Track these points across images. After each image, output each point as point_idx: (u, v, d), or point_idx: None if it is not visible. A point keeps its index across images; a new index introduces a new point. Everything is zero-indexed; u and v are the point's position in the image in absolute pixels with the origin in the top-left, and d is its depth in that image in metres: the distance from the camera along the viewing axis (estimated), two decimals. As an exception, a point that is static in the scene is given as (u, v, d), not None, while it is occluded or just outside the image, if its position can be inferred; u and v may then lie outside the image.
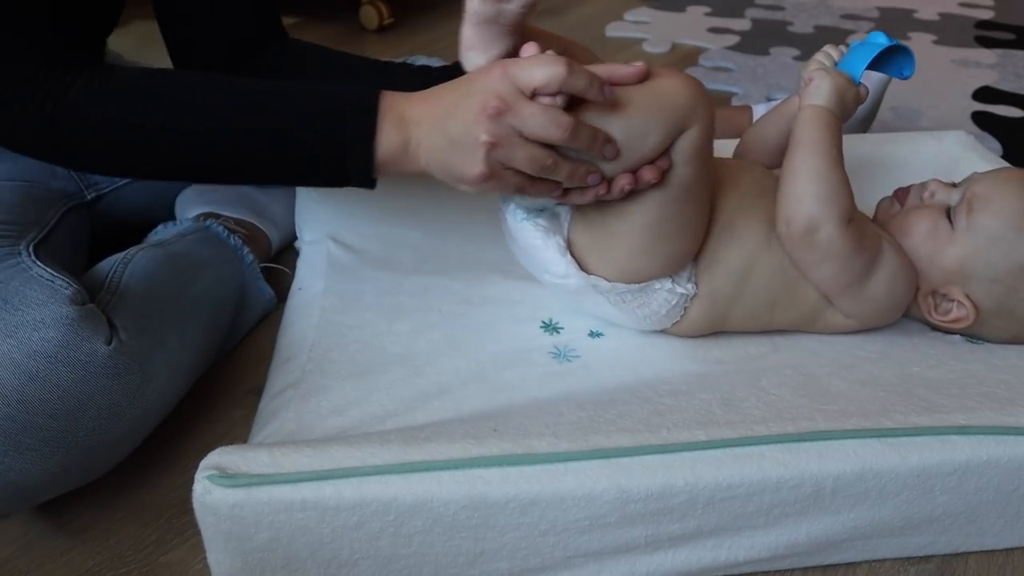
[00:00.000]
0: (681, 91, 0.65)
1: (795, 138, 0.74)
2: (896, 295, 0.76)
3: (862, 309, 0.76)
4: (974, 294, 0.75)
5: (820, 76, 0.76)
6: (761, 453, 0.62)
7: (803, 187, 0.72)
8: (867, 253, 0.73)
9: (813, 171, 0.72)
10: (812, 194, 0.71)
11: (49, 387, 0.62)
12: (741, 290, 0.75)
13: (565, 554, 0.63)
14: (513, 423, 0.65)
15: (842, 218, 0.71)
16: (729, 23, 2.00)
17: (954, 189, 0.78)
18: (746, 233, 0.75)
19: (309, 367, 0.75)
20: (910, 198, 0.80)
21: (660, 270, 0.73)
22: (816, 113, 0.75)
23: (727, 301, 0.76)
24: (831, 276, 0.74)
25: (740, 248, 0.75)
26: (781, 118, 0.83)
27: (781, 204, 0.73)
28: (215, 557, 0.61)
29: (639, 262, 0.72)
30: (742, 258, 0.75)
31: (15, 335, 0.62)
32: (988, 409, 0.67)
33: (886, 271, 0.74)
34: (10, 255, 0.71)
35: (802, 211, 0.71)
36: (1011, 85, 1.64)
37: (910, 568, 0.69)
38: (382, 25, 1.95)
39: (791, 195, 0.72)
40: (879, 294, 0.75)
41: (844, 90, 0.76)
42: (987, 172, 0.79)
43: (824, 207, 0.71)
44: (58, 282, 0.67)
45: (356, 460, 0.60)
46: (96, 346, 0.65)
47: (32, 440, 0.63)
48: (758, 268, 0.75)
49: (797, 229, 0.72)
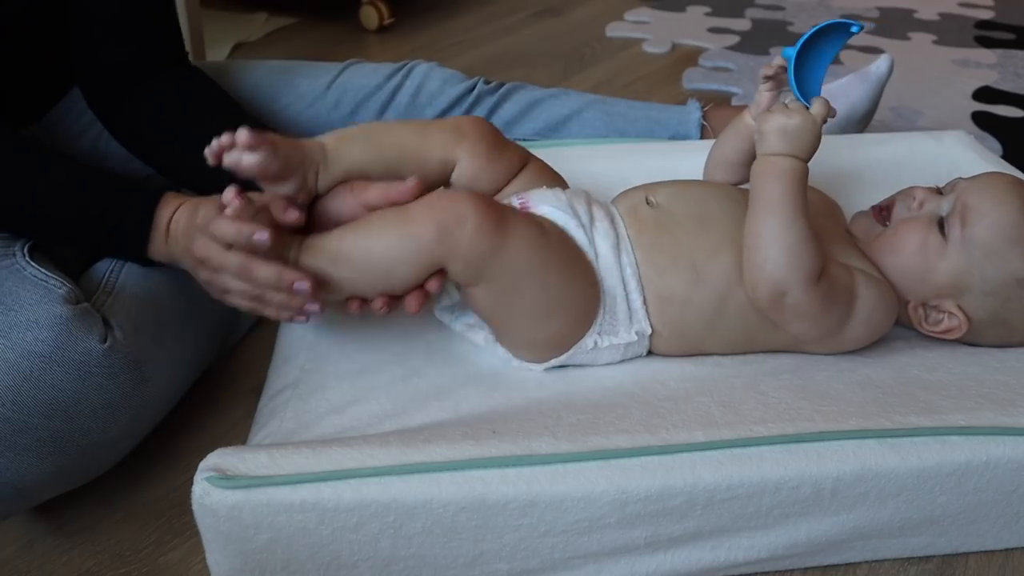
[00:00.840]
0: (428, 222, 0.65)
1: (751, 194, 0.71)
2: (875, 327, 0.74)
3: (842, 347, 0.74)
4: (967, 306, 0.74)
5: (759, 121, 0.72)
6: (760, 454, 0.62)
7: (764, 252, 0.69)
8: (840, 306, 0.71)
9: (769, 232, 0.68)
10: (773, 260, 0.68)
11: (44, 387, 0.62)
12: (713, 327, 0.73)
13: (564, 555, 0.63)
14: (512, 424, 0.65)
15: (807, 281, 0.68)
16: (729, 23, 2.00)
17: (942, 197, 0.76)
18: (714, 274, 0.72)
19: (308, 367, 0.75)
20: (896, 210, 0.77)
21: (568, 339, 0.71)
22: (765, 163, 0.70)
23: (699, 337, 0.74)
24: (805, 330, 0.72)
25: (709, 289, 0.72)
26: (734, 136, 0.81)
27: (745, 269, 0.70)
28: (214, 558, 0.61)
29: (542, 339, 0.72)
30: (711, 299, 0.72)
31: (9, 335, 0.62)
32: (987, 410, 0.67)
33: (862, 312, 0.72)
34: (4, 256, 0.71)
35: (765, 278, 0.69)
36: (1011, 85, 1.64)
37: (910, 568, 0.69)
38: (382, 25, 1.95)
39: (753, 262, 0.69)
40: (857, 334, 0.73)
41: (783, 125, 0.70)
42: (975, 179, 0.77)
43: (786, 272, 0.68)
44: (52, 282, 0.67)
45: (355, 461, 0.60)
46: (91, 345, 0.65)
47: (28, 440, 0.63)
48: (730, 306, 0.72)
49: (763, 295, 0.69)
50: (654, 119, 1.14)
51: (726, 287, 0.72)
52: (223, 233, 0.63)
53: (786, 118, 0.70)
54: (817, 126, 0.70)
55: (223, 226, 0.63)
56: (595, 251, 0.72)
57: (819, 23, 0.72)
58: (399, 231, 0.66)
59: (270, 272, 0.64)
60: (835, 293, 0.70)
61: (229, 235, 0.63)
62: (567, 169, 0.82)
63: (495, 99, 1.12)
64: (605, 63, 1.79)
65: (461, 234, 0.65)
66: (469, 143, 0.74)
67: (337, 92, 1.07)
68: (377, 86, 1.08)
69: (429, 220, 0.65)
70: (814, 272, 0.68)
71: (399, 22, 1.98)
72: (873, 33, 1.94)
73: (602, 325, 0.72)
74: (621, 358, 0.74)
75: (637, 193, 0.78)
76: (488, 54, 1.83)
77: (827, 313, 0.70)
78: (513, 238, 0.66)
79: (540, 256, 0.68)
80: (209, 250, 0.65)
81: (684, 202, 0.76)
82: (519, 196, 0.74)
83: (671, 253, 0.73)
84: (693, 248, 0.73)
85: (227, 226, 0.63)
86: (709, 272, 0.72)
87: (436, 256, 0.65)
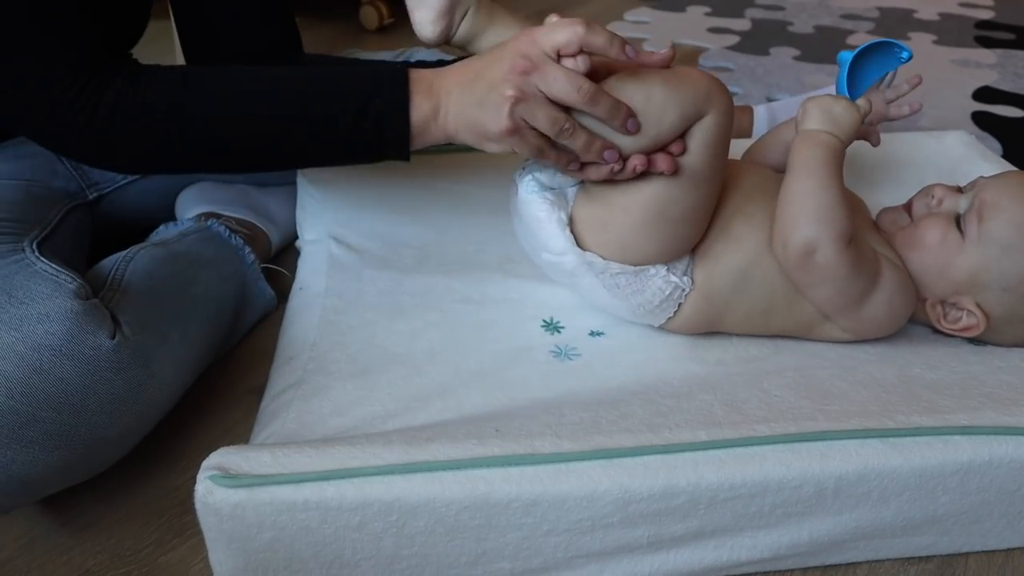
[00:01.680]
0: (702, 79, 0.68)
1: (789, 164, 0.74)
2: (895, 313, 0.75)
3: (860, 326, 0.75)
4: (985, 303, 0.74)
5: (805, 102, 0.76)
6: (763, 453, 0.62)
7: (798, 208, 0.71)
8: (865, 275, 0.72)
9: (806, 192, 0.71)
10: (807, 215, 0.71)
11: (53, 380, 0.62)
12: (738, 292, 0.75)
13: (567, 554, 0.63)
14: (515, 423, 0.65)
15: (839, 239, 0.70)
16: (729, 23, 2.00)
17: (960, 195, 0.77)
18: (746, 236, 0.75)
19: (310, 367, 0.75)
20: (916, 207, 0.78)
21: (656, 255, 0.73)
22: (806, 135, 0.75)
23: (723, 301, 0.76)
24: (828, 297, 0.73)
25: (739, 250, 0.74)
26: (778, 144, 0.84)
27: (777, 227, 0.72)
28: (217, 557, 0.61)
29: (637, 241, 0.72)
30: (740, 260, 0.74)
31: (20, 328, 0.62)
32: (990, 410, 0.67)
33: (885, 291, 0.73)
34: (14, 251, 0.71)
35: (798, 233, 0.71)
36: (1011, 85, 1.64)
37: (910, 568, 0.69)
38: (382, 25, 1.95)
39: (786, 217, 0.72)
40: (877, 313, 0.74)
41: (829, 106, 0.75)
42: (994, 177, 0.78)
43: (820, 228, 0.70)
44: (62, 276, 0.67)
45: (358, 460, 0.60)
46: (100, 340, 0.65)
47: (35, 433, 0.63)
48: (756, 272, 0.75)
49: (793, 251, 0.71)
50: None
51: (755, 252, 0.74)
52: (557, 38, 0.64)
53: (832, 101, 0.76)
54: (859, 115, 0.76)
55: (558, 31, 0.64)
56: None
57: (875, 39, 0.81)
58: (678, 83, 0.67)
59: (609, 102, 0.65)
60: (863, 260, 0.72)
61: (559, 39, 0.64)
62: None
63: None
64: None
65: (720, 99, 0.68)
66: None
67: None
68: None
69: (701, 79, 0.68)
70: (845, 233, 0.71)
71: (399, 22, 1.98)
72: (873, 33, 1.94)
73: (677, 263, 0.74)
74: (656, 304, 0.75)
75: None
76: (488, 54, 1.82)
77: (854, 278, 0.72)
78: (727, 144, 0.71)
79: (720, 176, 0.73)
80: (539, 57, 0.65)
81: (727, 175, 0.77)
82: None
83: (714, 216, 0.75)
84: (732, 209, 0.75)
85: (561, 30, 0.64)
86: (740, 233, 0.75)
87: (701, 111, 0.68)
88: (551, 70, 0.64)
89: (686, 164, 0.69)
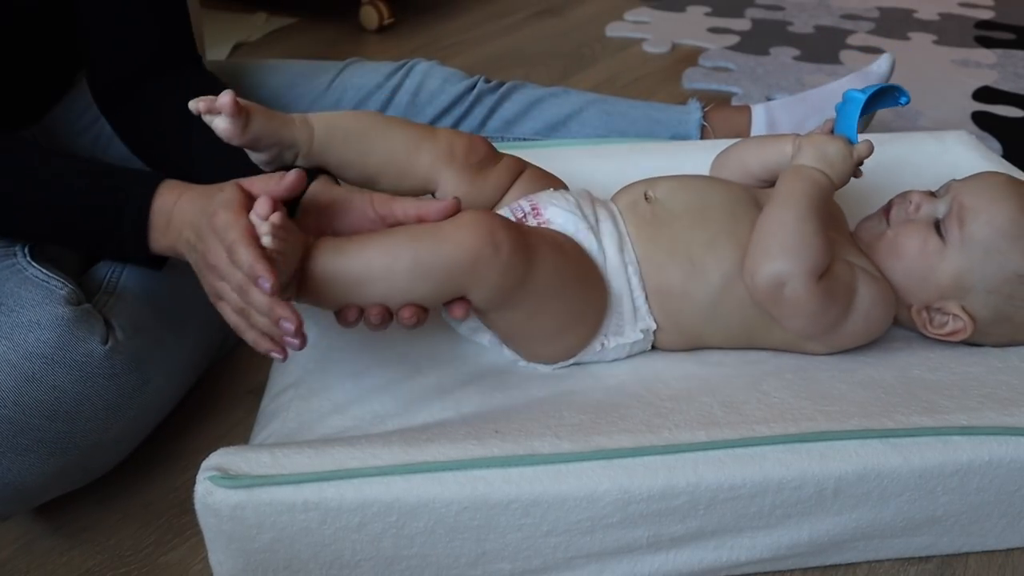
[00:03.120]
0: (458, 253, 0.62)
1: (773, 195, 0.72)
2: (872, 324, 0.74)
3: (838, 342, 0.74)
4: (971, 306, 0.73)
5: (802, 139, 0.75)
6: (763, 454, 0.62)
7: (771, 239, 0.69)
8: (838, 304, 0.71)
9: (782, 223, 0.69)
10: (780, 246, 0.68)
11: (46, 388, 0.62)
12: (711, 323, 0.74)
13: (567, 555, 0.63)
14: (515, 424, 0.65)
15: (810, 273, 0.68)
16: (729, 23, 2.00)
17: (937, 199, 0.76)
18: (711, 267, 0.72)
19: (310, 367, 0.75)
20: (894, 214, 0.77)
21: (578, 346, 0.72)
22: (795, 169, 0.73)
23: (697, 331, 0.75)
24: (802, 327, 0.72)
25: (705, 284, 0.72)
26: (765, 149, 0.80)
27: (748, 255, 0.70)
28: (217, 558, 0.61)
29: (552, 350, 0.72)
30: (707, 294, 0.72)
31: (11, 336, 0.62)
32: (990, 410, 0.67)
33: (860, 309, 0.72)
34: (5, 256, 0.71)
35: (768, 265, 0.68)
36: (1011, 85, 1.64)
37: (910, 568, 0.69)
38: (382, 25, 1.94)
39: (758, 247, 0.70)
40: (856, 329, 0.73)
41: (824, 146, 0.73)
42: (969, 179, 0.77)
43: (791, 261, 0.68)
44: (53, 283, 0.67)
45: (358, 461, 0.60)
46: (92, 346, 0.65)
47: (30, 441, 0.62)
48: (727, 303, 0.72)
49: (762, 283, 0.69)
50: (654, 119, 1.14)
51: (722, 280, 0.72)
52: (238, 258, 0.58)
53: (829, 141, 0.73)
54: (854, 160, 0.73)
55: (241, 253, 0.58)
56: (604, 255, 0.72)
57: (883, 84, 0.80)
58: (431, 251, 0.62)
59: (263, 301, 0.58)
60: (835, 292, 0.70)
61: (242, 263, 0.58)
62: (567, 169, 0.82)
63: (495, 98, 1.12)
64: (605, 63, 1.79)
65: (495, 262, 0.62)
66: (456, 168, 0.72)
67: (337, 91, 1.06)
68: (377, 85, 1.08)
69: (464, 243, 0.62)
70: (818, 267, 0.69)
71: (399, 22, 1.98)
72: (873, 33, 1.94)
73: (609, 326, 0.72)
74: (627, 355, 0.74)
75: (636, 188, 0.78)
76: (488, 54, 1.83)
77: (824, 312, 0.70)
78: (539, 264, 0.65)
79: (561, 277, 0.68)
80: (219, 258, 0.60)
81: (682, 196, 0.76)
82: (528, 199, 0.74)
83: (668, 247, 0.73)
84: (690, 241, 0.73)
85: (244, 254, 0.57)
86: (706, 265, 0.72)
87: (463, 283, 0.63)
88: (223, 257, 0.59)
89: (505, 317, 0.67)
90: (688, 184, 0.78)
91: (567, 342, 0.72)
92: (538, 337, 0.71)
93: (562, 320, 0.70)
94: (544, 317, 0.69)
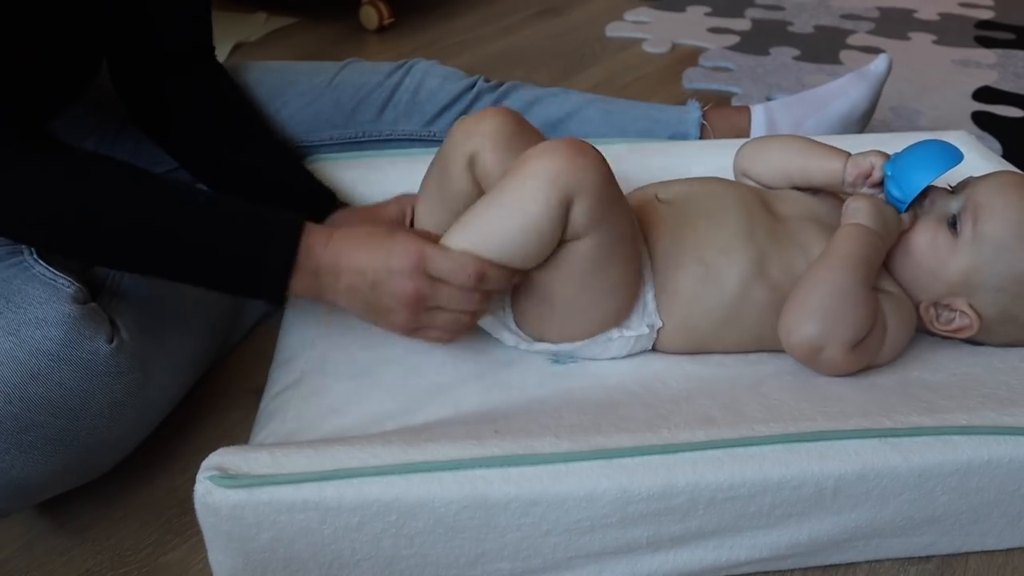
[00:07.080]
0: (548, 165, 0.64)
1: (827, 248, 0.72)
2: (897, 351, 0.74)
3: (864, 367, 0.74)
4: (978, 304, 0.74)
5: (859, 198, 0.74)
6: (763, 453, 0.62)
7: (815, 300, 0.69)
8: (873, 354, 0.71)
9: (832, 284, 0.69)
10: (823, 310, 0.68)
11: (51, 385, 0.62)
12: (722, 326, 0.74)
13: (567, 555, 0.63)
14: (514, 423, 0.65)
15: (848, 343, 0.68)
16: (729, 23, 2.00)
17: (952, 195, 0.76)
18: (727, 275, 0.72)
19: (309, 367, 0.75)
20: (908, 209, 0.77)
21: (599, 326, 0.72)
22: (857, 228, 0.72)
23: (704, 335, 0.75)
24: (832, 373, 0.72)
25: (719, 290, 0.72)
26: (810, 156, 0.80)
27: (786, 309, 0.70)
28: (216, 557, 0.61)
29: (573, 325, 0.72)
30: (720, 299, 0.73)
31: (17, 333, 0.62)
32: (989, 409, 0.67)
33: (889, 341, 0.72)
34: (12, 254, 0.71)
35: (806, 328, 0.68)
36: (1011, 85, 1.64)
37: (910, 568, 0.69)
38: (382, 25, 1.94)
39: (799, 303, 0.69)
40: (883, 359, 0.73)
41: (882, 210, 0.73)
42: (985, 177, 0.77)
43: (830, 328, 0.68)
44: (60, 281, 0.67)
45: (358, 460, 0.60)
46: (98, 344, 0.65)
47: (34, 438, 0.63)
48: (740, 309, 0.73)
49: (796, 343, 0.69)
50: (654, 118, 1.14)
51: (740, 285, 0.72)
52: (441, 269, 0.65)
53: (883, 205, 0.74)
54: (899, 229, 0.74)
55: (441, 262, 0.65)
56: None
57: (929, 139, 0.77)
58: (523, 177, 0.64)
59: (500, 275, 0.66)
60: (871, 347, 0.71)
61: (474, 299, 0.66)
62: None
63: (495, 97, 1.12)
64: (605, 63, 1.79)
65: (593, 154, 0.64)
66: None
67: (337, 90, 1.06)
68: (377, 84, 1.08)
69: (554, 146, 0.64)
70: (856, 337, 0.69)
71: (399, 22, 1.98)
72: (873, 33, 1.94)
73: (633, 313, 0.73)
74: (628, 352, 0.75)
75: (647, 191, 0.79)
76: (488, 54, 1.82)
77: (859, 366, 0.71)
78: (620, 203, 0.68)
79: (633, 228, 0.70)
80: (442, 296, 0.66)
81: (695, 199, 0.76)
82: None
83: (680, 249, 0.73)
84: (702, 244, 0.73)
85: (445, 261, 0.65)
86: (720, 269, 0.72)
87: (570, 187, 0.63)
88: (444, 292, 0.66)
89: (578, 254, 0.67)
90: (701, 187, 0.78)
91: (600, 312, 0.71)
92: (577, 300, 0.70)
93: (614, 280, 0.70)
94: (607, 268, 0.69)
